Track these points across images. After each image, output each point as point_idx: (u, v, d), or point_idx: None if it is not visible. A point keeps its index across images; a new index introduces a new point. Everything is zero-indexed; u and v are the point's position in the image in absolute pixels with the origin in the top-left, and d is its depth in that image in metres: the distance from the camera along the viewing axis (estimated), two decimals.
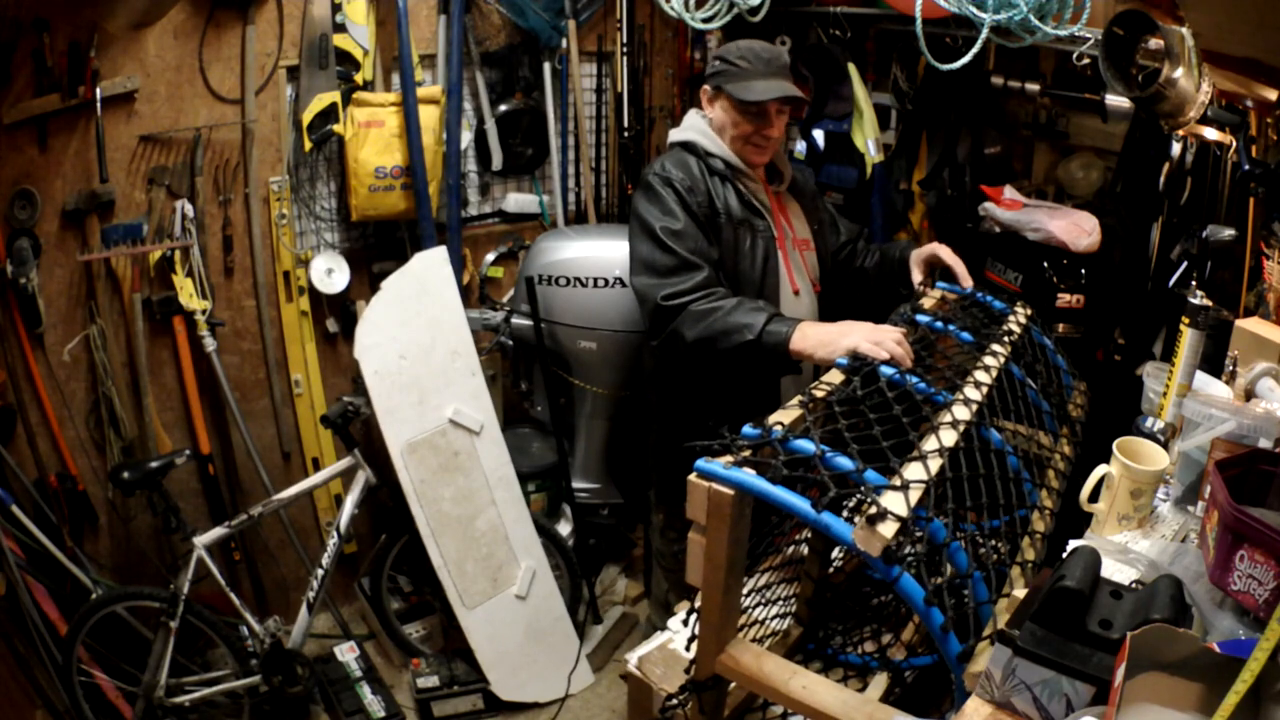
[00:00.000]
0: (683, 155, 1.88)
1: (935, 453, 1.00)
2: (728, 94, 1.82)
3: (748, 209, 1.86)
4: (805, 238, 1.98)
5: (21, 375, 2.31)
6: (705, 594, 1.03)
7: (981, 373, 1.26)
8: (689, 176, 1.82)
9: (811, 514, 0.91)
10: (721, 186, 1.85)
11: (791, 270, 1.91)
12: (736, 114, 1.83)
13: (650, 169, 1.87)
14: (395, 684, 2.70)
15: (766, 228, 1.88)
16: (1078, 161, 2.65)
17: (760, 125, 1.83)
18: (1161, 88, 1.74)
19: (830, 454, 0.97)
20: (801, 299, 1.93)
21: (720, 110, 1.87)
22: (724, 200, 1.84)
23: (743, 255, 1.85)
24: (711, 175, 1.86)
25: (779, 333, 1.60)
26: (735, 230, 1.84)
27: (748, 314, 1.65)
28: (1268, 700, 0.73)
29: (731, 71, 1.83)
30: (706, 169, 1.86)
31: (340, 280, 2.72)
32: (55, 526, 2.33)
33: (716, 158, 1.87)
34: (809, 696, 0.99)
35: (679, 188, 1.80)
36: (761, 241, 1.86)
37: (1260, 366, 1.37)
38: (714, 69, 1.88)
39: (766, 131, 1.84)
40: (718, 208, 1.83)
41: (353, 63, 2.56)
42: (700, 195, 1.81)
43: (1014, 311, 1.60)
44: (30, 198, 2.22)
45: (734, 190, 1.86)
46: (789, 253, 1.91)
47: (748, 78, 1.81)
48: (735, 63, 1.83)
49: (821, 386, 1.20)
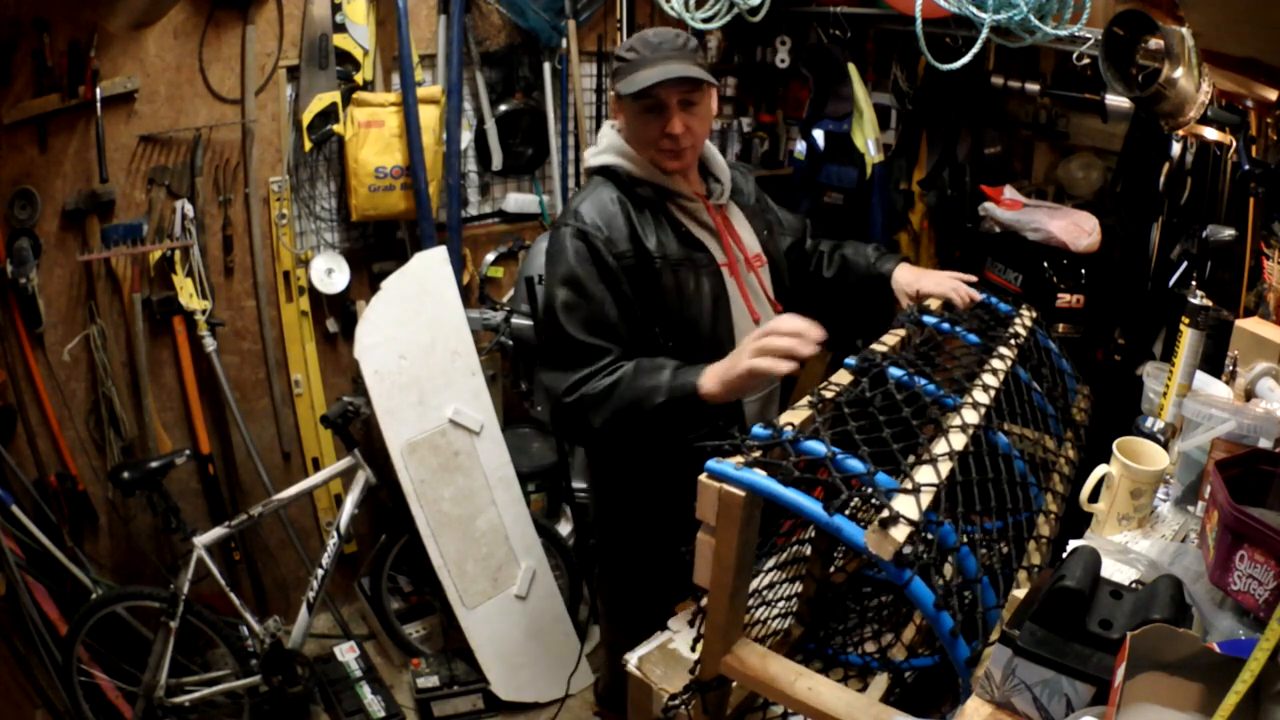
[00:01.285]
0: (601, 191, 1.58)
1: (945, 456, 1.00)
2: (620, 94, 1.53)
3: (686, 243, 1.58)
4: (757, 252, 1.72)
5: (21, 375, 2.31)
6: (712, 595, 1.02)
7: (989, 376, 1.25)
8: (608, 222, 1.53)
9: (824, 517, 0.91)
10: (652, 222, 1.57)
11: (749, 298, 1.65)
12: (635, 116, 1.54)
13: (564, 213, 1.59)
14: (395, 684, 2.70)
15: (709, 260, 1.60)
16: (1078, 161, 2.65)
17: (659, 123, 1.51)
18: (1161, 88, 1.75)
19: (841, 456, 0.97)
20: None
21: (624, 118, 1.58)
22: (656, 240, 1.55)
23: (688, 300, 1.57)
24: (640, 210, 1.57)
25: (686, 384, 1.41)
26: (675, 273, 1.55)
27: (649, 376, 1.44)
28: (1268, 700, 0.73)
29: (622, 68, 1.53)
30: (633, 202, 1.57)
31: (340, 280, 2.72)
32: (55, 526, 2.33)
33: (645, 184, 1.58)
34: (814, 698, 0.99)
35: (595, 242, 1.51)
36: (707, 278, 1.59)
37: (1260, 366, 1.37)
38: (611, 70, 1.60)
39: (668, 129, 1.51)
40: (649, 252, 1.54)
41: (353, 63, 2.56)
42: (622, 245, 1.52)
43: (1020, 314, 1.60)
44: (30, 198, 2.22)
45: (668, 222, 1.58)
46: (744, 278, 1.65)
47: (635, 69, 1.49)
48: (625, 56, 1.53)
49: (830, 387, 1.20)
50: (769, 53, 3.26)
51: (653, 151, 1.55)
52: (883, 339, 1.41)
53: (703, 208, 1.64)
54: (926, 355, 1.36)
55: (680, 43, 1.52)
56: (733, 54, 3.29)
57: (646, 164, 1.58)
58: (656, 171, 1.58)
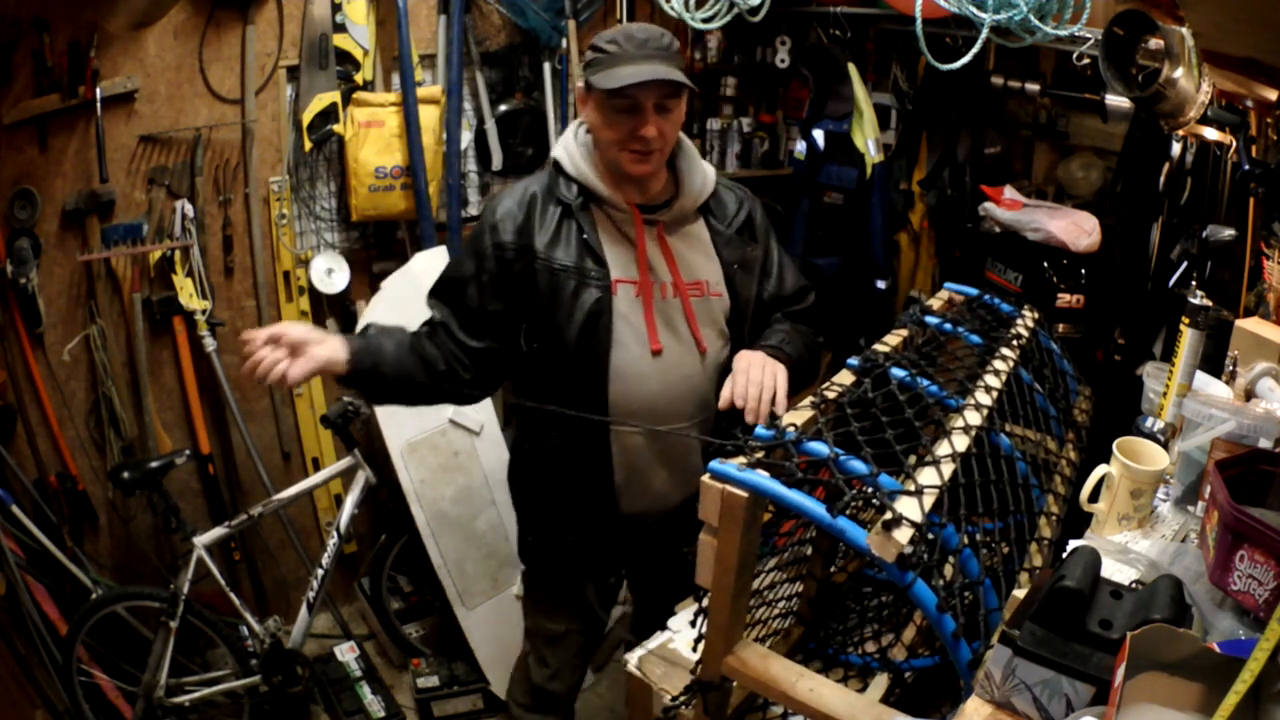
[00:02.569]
0: (529, 181, 1.59)
1: (948, 457, 1.00)
2: (592, 87, 1.46)
3: (583, 252, 1.51)
4: (698, 279, 1.57)
5: (21, 375, 2.31)
6: (714, 596, 1.03)
7: (992, 377, 1.25)
8: (509, 210, 1.53)
9: (827, 518, 0.91)
10: (555, 222, 1.52)
11: (654, 324, 1.53)
12: (606, 112, 1.46)
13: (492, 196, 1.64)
14: (395, 684, 2.70)
15: (601, 275, 1.50)
16: (1078, 161, 2.65)
17: (634, 123, 1.45)
18: (1161, 88, 1.75)
19: (844, 457, 0.97)
20: (667, 361, 1.54)
21: (591, 113, 1.50)
22: (549, 238, 1.51)
23: (559, 305, 1.50)
24: (548, 207, 1.53)
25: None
26: (553, 276, 1.50)
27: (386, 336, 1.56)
28: (1268, 700, 0.73)
29: (599, 60, 1.45)
30: (548, 199, 1.54)
31: (340, 280, 2.72)
32: (55, 526, 2.33)
33: (574, 182, 1.53)
34: (816, 699, 0.99)
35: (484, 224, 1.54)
36: (592, 291, 1.50)
37: (1260, 366, 1.37)
38: (586, 60, 1.50)
39: (641, 131, 1.44)
40: (534, 250, 1.50)
41: (353, 63, 2.56)
42: (506, 235, 1.51)
43: (1022, 315, 1.60)
44: (30, 198, 2.22)
45: (576, 226, 1.52)
46: (656, 302, 1.53)
47: (615, 64, 1.43)
48: (604, 48, 1.45)
49: (833, 387, 1.20)
50: (769, 53, 3.26)
51: (617, 151, 1.48)
52: (885, 339, 1.41)
53: (630, 220, 1.54)
54: (929, 355, 1.36)
55: (665, 42, 1.46)
56: (733, 54, 3.29)
57: (586, 162, 1.53)
58: (590, 172, 1.52)
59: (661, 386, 1.54)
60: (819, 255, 3.00)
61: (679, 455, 1.61)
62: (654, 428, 1.54)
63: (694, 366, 1.57)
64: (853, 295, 2.98)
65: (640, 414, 1.53)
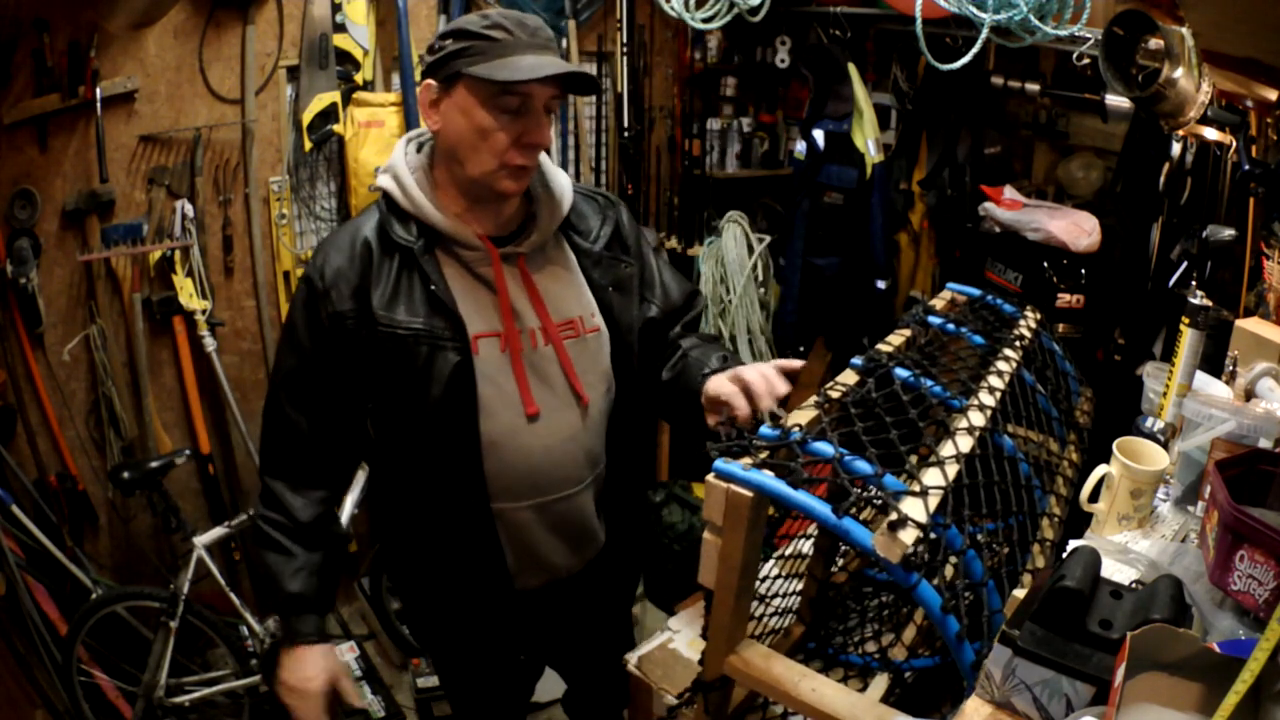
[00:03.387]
0: (360, 224, 1.27)
1: (952, 458, 1.00)
2: (474, 79, 1.16)
3: (432, 308, 1.23)
4: (572, 318, 1.33)
5: (21, 375, 2.31)
6: (717, 596, 1.02)
7: (995, 377, 1.25)
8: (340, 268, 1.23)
9: (832, 519, 0.91)
10: (394, 274, 1.24)
11: (526, 382, 1.28)
12: (488, 112, 1.18)
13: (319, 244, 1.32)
14: (395, 684, 2.70)
15: (455, 333, 1.24)
16: (1078, 161, 2.66)
17: (519, 127, 1.19)
18: (1161, 88, 1.75)
19: (848, 457, 0.97)
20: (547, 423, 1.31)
21: (457, 116, 1.19)
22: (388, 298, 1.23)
23: (412, 377, 1.24)
24: (385, 255, 1.24)
25: (294, 634, 1.32)
26: (400, 344, 1.23)
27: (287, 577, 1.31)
28: (1268, 700, 0.73)
29: (478, 47, 1.16)
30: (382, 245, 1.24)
31: None
32: (55, 526, 2.33)
33: (410, 220, 1.24)
34: (818, 700, 0.99)
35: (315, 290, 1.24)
36: (448, 355, 1.23)
37: (1260, 366, 1.37)
38: (443, 51, 1.19)
39: (533, 137, 1.20)
40: (375, 314, 1.22)
41: (353, 63, 2.56)
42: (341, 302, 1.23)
43: (1024, 315, 1.60)
44: (30, 198, 2.22)
45: (419, 276, 1.24)
46: (525, 354, 1.29)
47: (506, 52, 1.16)
48: (485, 34, 1.17)
49: (836, 387, 1.20)
50: (769, 53, 3.26)
51: (495, 165, 1.20)
52: (888, 339, 1.41)
53: (486, 257, 1.27)
54: (931, 355, 1.36)
55: (550, 33, 1.23)
56: (733, 54, 3.30)
57: (422, 191, 1.24)
58: (428, 204, 1.24)
59: (544, 453, 1.32)
60: (819, 255, 3.00)
61: (573, 521, 1.40)
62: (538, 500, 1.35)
63: (576, 423, 1.34)
64: (853, 295, 2.98)
65: (522, 487, 1.32)
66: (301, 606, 1.32)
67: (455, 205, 1.27)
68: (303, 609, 1.32)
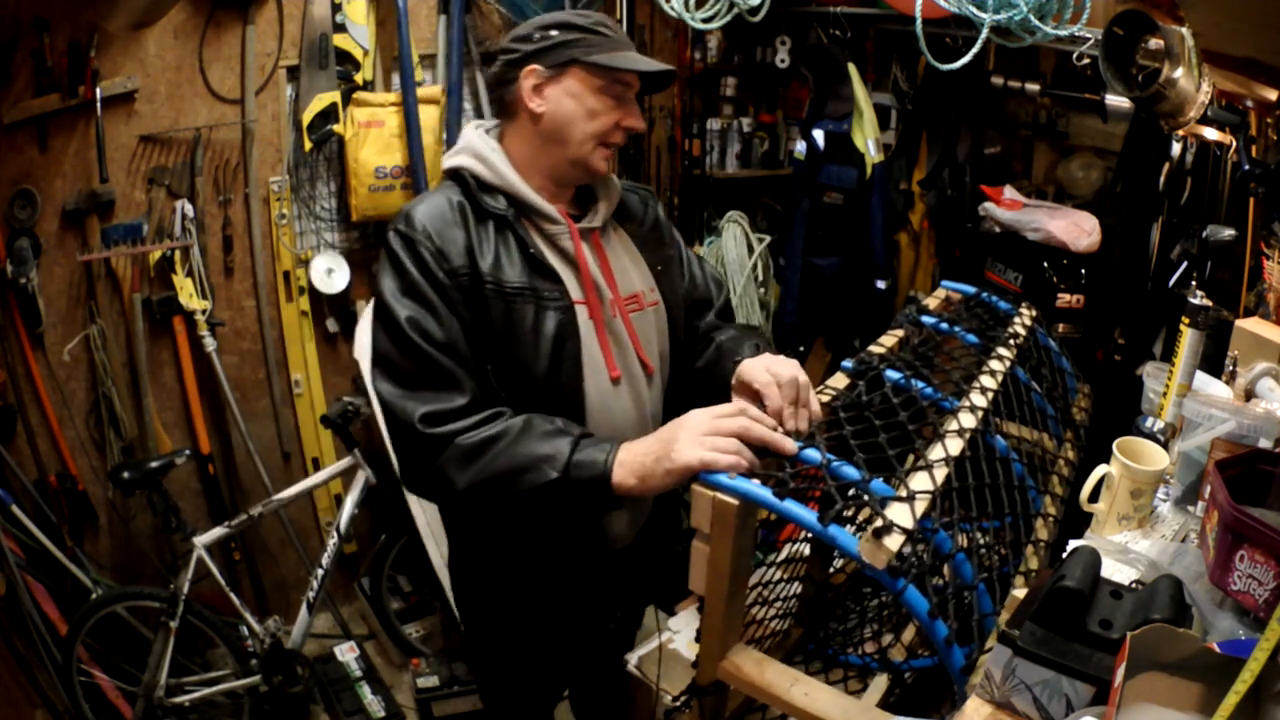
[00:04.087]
0: (441, 194, 1.33)
1: (941, 462, 1.00)
2: (591, 67, 1.28)
3: (532, 270, 1.29)
4: (635, 291, 1.40)
5: (21, 375, 2.31)
6: (708, 602, 1.03)
7: (987, 377, 1.25)
8: (440, 232, 1.27)
9: (819, 527, 0.91)
10: (494, 238, 1.29)
11: (609, 348, 1.34)
12: (599, 97, 1.30)
13: (398, 216, 1.31)
14: (395, 684, 2.70)
15: (560, 295, 1.30)
16: (1078, 161, 2.66)
17: (619, 113, 1.32)
18: (1161, 88, 1.75)
19: (836, 463, 0.97)
20: (626, 389, 1.36)
21: (566, 97, 1.30)
22: (492, 259, 1.28)
23: (520, 339, 1.27)
24: (481, 222, 1.30)
25: (595, 463, 1.12)
26: (508, 305, 1.27)
27: (543, 441, 1.16)
28: (1268, 700, 0.73)
29: (592, 39, 1.29)
30: (476, 213, 1.30)
31: (340, 280, 2.72)
32: (55, 526, 2.33)
33: (498, 192, 1.32)
34: (811, 704, 0.99)
35: (423, 251, 1.25)
36: (552, 315, 1.29)
37: (1260, 366, 1.37)
38: (551, 40, 1.29)
39: (633, 121, 1.33)
40: (481, 272, 1.26)
41: (353, 63, 2.56)
42: (455, 259, 1.26)
43: (1019, 313, 1.60)
44: (30, 198, 2.22)
45: (516, 241, 1.30)
46: (606, 322, 1.34)
47: (616, 47, 1.30)
48: (594, 29, 1.30)
49: (826, 391, 1.20)
50: (769, 53, 3.26)
51: (594, 144, 1.32)
52: (881, 340, 1.41)
53: (566, 231, 1.34)
54: (925, 356, 1.35)
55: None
56: (733, 54, 3.30)
57: (509, 169, 1.32)
58: (517, 179, 1.32)
59: (624, 416, 1.36)
60: (819, 255, 3.00)
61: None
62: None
63: (644, 391, 1.40)
64: (853, 295, 2.98)
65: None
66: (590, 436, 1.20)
67: (533, 183, 1.34)
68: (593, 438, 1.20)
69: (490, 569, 1.49)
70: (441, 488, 1.21)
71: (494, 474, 1.17)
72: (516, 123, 1.34)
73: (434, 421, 1.20)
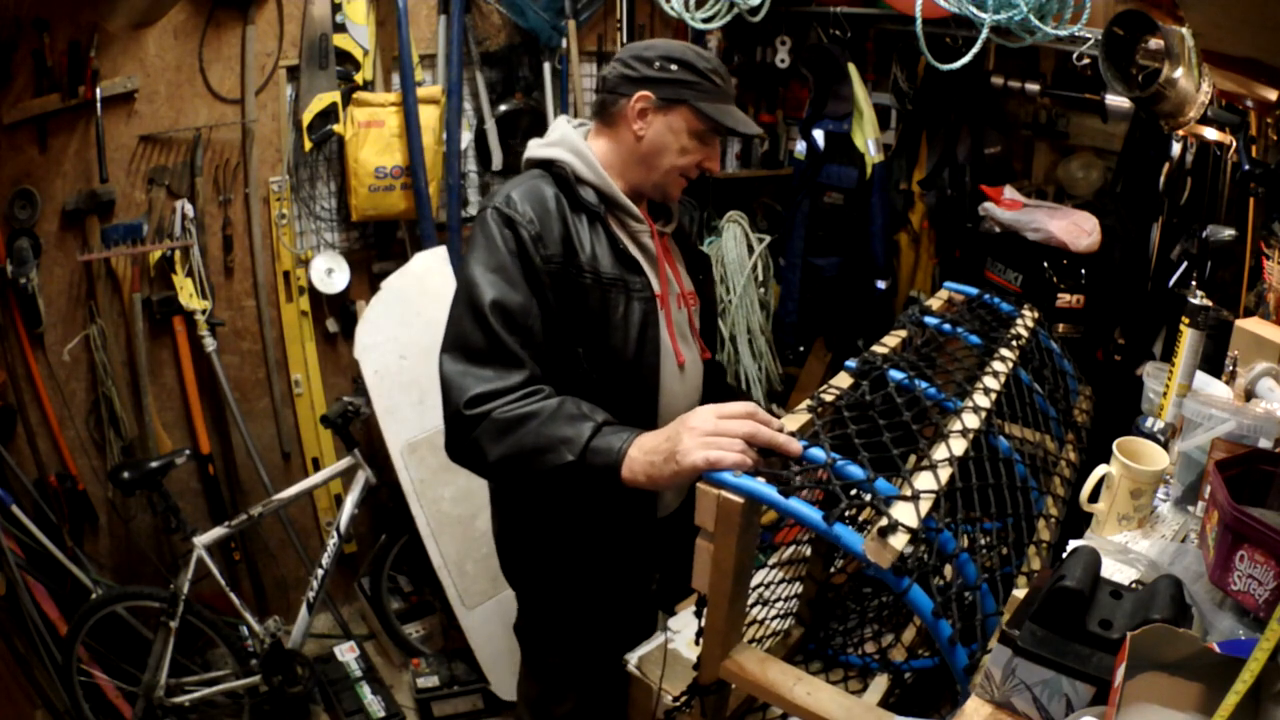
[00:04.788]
0: (540, 183, 1.40)
1: (945, 462, 1.00)
2: (699, 113, 1.41)
3: (621, 262, 1.42)
4: (691, 290, 1.58)
5: (21, 375, 2.31)
6: (711, 601, 1.02)
7: (990, 378, 1.25)
8: (541, 218, 1.35)
9: (823, 525, 0.91)
10: (589, 230, 1.40)
11: (675, 336, 1.50)
12: (694, 139, 1.43)
13: (493, 198, 1.38)
14: (395, 684, 2.70)
15: (644, 285, 1.44)
16: (1078, 161, 2.66)
17: (704, 154, 1.46)
18: (1161, 88, 1.75)
19: (841, 462, 0.97)
20: (687, 373, 1.53)
21: (667, 131, 1.42)
22: (590, 250, 1.39)
23: (613, 325, 1.40)
24: (576, 212, 1.40)
25: (610, 450, 1.17)
26: (603, 291, 1.39)
27: (568, 424, 1.21)
28: (1268, 700, 0.73)
29: (705, 87, 1.42)
30: (571, 203, 1.40)
31: (340, 280, 2.72)
32: (55, 526, 2.33)
33: (591, 188, 1.42)
34: (813, 703, 0.99)
35: (524, 233, 1.33)
36: (638, 305, 1.42)
37: (1260, 366, 1.37)
38: (670, 75, 1.41)
39: (714, 165, 1.49)
40: (580, 262, 1.37)
41: (353, 63, 2.56)
42: (552, 246, 1.34)
43: (1021, 314, 1.60)
44: (30, 198, 2.22)
45: (605, 235, 1.42)
46: (673, 314, 1.50)
47: (723, 99, 1.44)
48: (709, 76, 1.42)
49: (830, 390, 1.20)
50: (769, 53, 3.25)
51: (676, 175, 1.46)
52: (884, 340, 1.41)
53: (647, 230, 1.48)
54: (927, 357, 1.36)
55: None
56: (733, 54, 3.29)
57: (602, 173, 1.43)
58: (612, 182, 1.44)
59: (686, 399, 1.53)
60: (819, 255, 3.00)
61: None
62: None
63: (698, 376, 1.58)
64: (853, 295, 2.98)
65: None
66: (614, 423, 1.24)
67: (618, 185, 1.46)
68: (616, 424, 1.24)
69: (539, 536, 1.56)
70: (476, 459, 1.29)
71: (521, 450, 1.23)
72: (614, 132, 1.46)
73: (480, 401, 1.27)
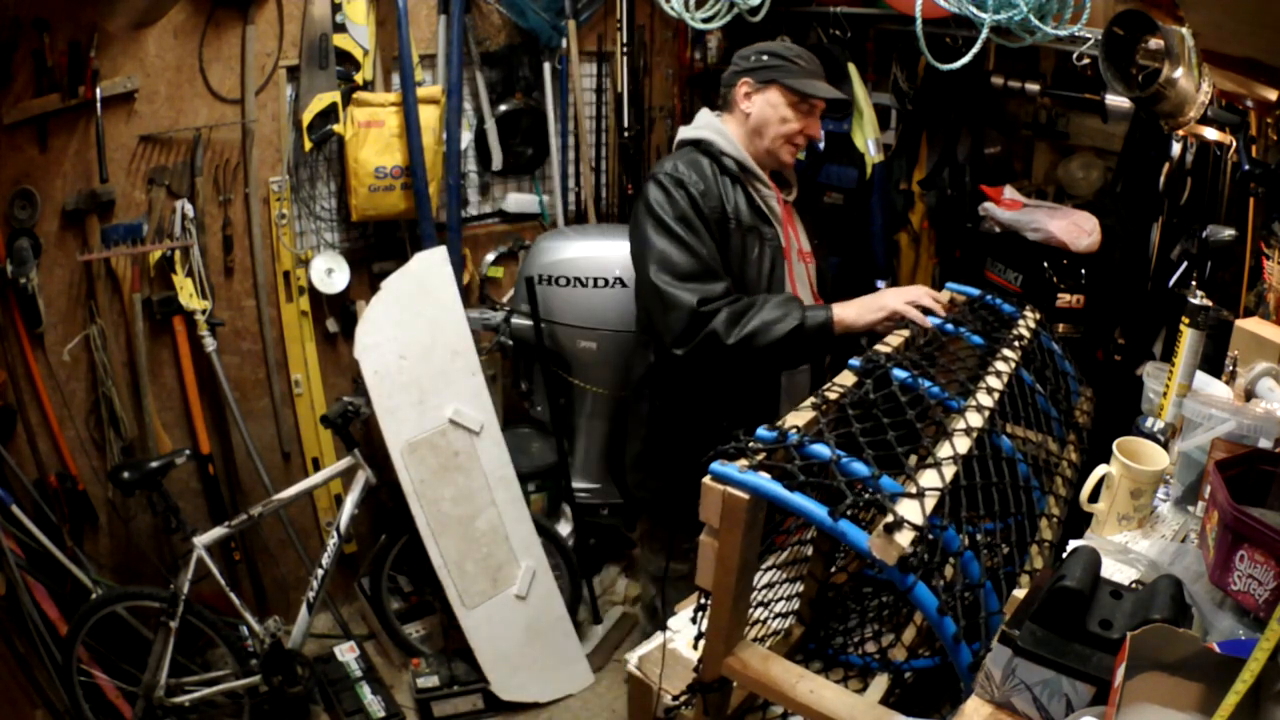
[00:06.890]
0: (694, 155, 1.85)
1: (949, 460, 1.00)
2: (787, 88, 1.82)
3: (757, 215, 1.85)
4: (809, 250, 1.98)
5: (21, 375, 2.31)
6: (715, 597, 1.02)
7: (994, 378, 1.25)
8: (702, 179, 1.79)
9: (829, 521, 0.91)
10: (732, 189, 1.83)
11: (795, 283, 1.90)
12: (790, 110, 1.84)
13: (660, 167, 1.82)
14: (395, 684, 2.70)
15: (775, 235, 1.86)
16: (1078, 161, 2.65)
17: (805, 123, 1.86)
18: (1161, 88, 1.74)
19: (845, 459, 0.97)
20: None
21: (766, 105, 1.85)
22: (734, 204, 1.82)
23: (750, 264, 1.83)
24: (723, 175, 1.84)
25: (820, 316, 1.68)
26: (744, 237, 1.82)
27: (781, 307, 1.70)
28: (1268, 700, 0.73)
29: (791, 68, 1.83)
30: (719, 169, 1.84)
31: (340, 280, 2.72)
32: (55, 526, 2.33)
33: (730, 158, 1.85)
34: (816, 701, 0.99)
35: (692, 191, 1.77)
36: (769, 250, 1.85)
37: (1260, 366, 1.37)
38: (762, 63, 1.86)
39: (813, 131, 1.87)
40: (728, 212, 1.81)
41: (353, 63, 2.56)
42: (713, 200, 1.79)
43: (1023, 315, 1.60)
44: (30, 198, 2.22)
45: (744, 194, 1.84)
46: (794, 264, 1.91)
47: (810, 76, 1.84)
48: (794, 60, 1.84)
49: (835, 388, 1.20)
50: None
51: (782, 142, 1.85)
52: (887, 339, 1.41)
53: (774, 195, 1.88)
54: (930, 356, 1.36)
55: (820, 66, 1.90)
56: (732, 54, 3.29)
57: (738, 147, 1.85)
58: (744, 153, 1.85)
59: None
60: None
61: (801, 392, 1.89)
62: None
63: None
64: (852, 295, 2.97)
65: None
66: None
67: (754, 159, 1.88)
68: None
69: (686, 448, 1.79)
70: (713, 345, 1.71)
71: (753, 329, 1.69)
72: (733, 115, 1.90)
73: (706, 301, 1.71)
